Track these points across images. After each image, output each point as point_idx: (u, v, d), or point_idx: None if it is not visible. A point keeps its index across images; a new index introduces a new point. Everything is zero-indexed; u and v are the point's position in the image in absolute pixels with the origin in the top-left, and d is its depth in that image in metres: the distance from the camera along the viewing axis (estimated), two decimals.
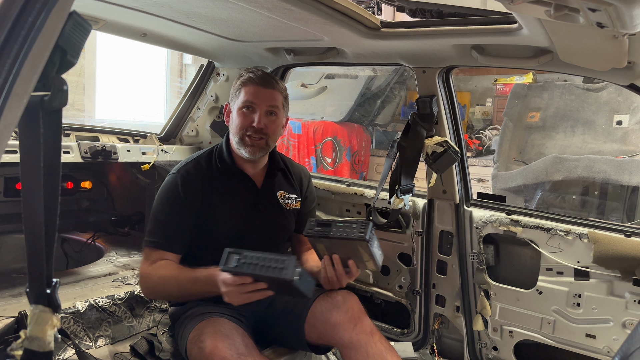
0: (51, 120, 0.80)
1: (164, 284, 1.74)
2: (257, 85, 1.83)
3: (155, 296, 1.85)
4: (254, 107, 1.83)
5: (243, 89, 1.84)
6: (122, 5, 1.75)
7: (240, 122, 1.83)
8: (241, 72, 1.91)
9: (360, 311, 1.75)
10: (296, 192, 2.04)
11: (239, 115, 1.84)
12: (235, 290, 1.51)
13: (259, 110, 1.82)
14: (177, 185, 1.84)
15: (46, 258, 0.85)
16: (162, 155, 2.62)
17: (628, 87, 1.72)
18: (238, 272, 1.50)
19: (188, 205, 1.82)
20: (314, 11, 1.59)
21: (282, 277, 1.44)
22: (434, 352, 2.36)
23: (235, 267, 1.50)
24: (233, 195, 1.90)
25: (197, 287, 1.67)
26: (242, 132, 1.83)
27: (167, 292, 1.78)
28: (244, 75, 1.87)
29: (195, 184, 1.84)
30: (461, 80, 6.45)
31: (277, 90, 1.86)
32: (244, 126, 1.82)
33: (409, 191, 2.13)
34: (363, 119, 6.28)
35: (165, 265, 1.77)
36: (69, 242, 2.87)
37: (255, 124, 1.81)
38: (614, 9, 0.94)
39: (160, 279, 1.74)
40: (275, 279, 1.46)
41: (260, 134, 1.83)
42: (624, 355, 0.90)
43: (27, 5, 0.69)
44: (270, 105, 1.84)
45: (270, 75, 1.90)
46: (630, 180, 4.05)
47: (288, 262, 1.46)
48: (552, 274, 2.03)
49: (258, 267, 1.49)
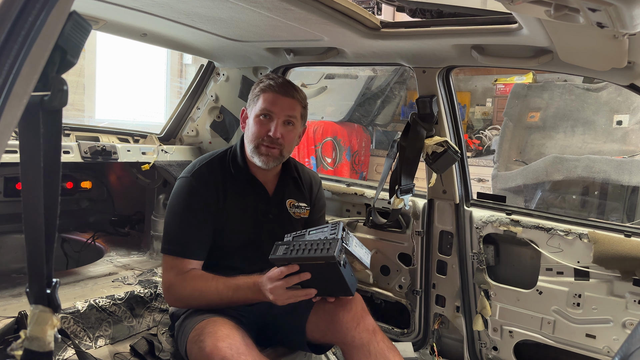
0: (51, 120, 0.80)
1: (200, 295, 1.70)
2: (276, 93, 1.79)
3: (184, 305, 1.79)
4: (271, 115, 1.79)
5: (262, 96, 1.80)
6: (122, 5, 1.75)
7: (257, 130, 1.80)
8: (261, 77, 1.88)
9: (363, 310, 1.75)
10: (305, 201, 2.02)
11: (256, 123, 1.80)
12: (280, 286, 1.54)
13: (276, 119, 1.79)
14: (192, 187, 1.80)
15: (46, 258, 0.85)
16: (162, 155, 2.62)
17: (628, 87, 1.72)
18: (285, 259, 1.55)
19: (205, 208, 1.79)
20: (314, 11, 1.59)
21: (327, 255, 1.48)
22: (434, 352, 2.36)
23: (284, 254, 1.56)
24: (245, 202, 1.87)
25: (239, 295, 1.67)
26: (257, 140, 1.80)
27: (204, 302, 1.73)
28: (263, 82, 1.83)
29: (210, 187, 1.81)
30: (461, 80, 6.45)
31: (296, 100, 1.83)
32: (260, 135, 1.79)
33: (409, 191, 2.13)
34: (363, 119, 6.28)
35: (199, 277, 1.74)
36: (69, 242, 2.87)
37: (271, 134, 1.78)
38: (614, 9, 0.94)
39: (195, 291, 1.71)
40: (320, 259, 1.50)
41: (275, 144, 1.80)
42: (624, 355, 0.90)
43: (27, 5, 0.69)
44: (288, 115, 1.81)
45: (290, 84, 1.87)
46: (630, 180, 4.05)
47: (333, 244, 1.52)
48: (552, 274, 2.03)
49: (305, 251, 1.55)
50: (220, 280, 1.71)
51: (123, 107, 6.67)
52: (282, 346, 1.91)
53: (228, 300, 1.70)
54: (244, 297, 1.67)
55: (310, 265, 1.54)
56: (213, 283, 1.71)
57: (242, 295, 1.67)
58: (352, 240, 1.67)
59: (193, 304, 1.76)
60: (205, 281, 1.72)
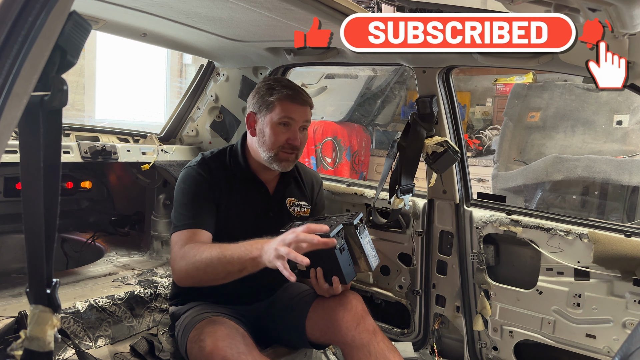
0: (51, 120, 0.79)
1: (209, 261, 1.58)
2: (294, 102, 1.81)
3: (191, 279, 1.65)
4: (290, 123, 1.81)
5: (279, 105, 1.80)
6: (122, 5, 1.75)
7: (277, 138, 1.80)
8: (269, 82, 1.86)
9: (363, 310, 1.74)
10: (306, 200, 2.02)
11: (275, 132, 1.80)
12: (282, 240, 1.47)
13: (294, 126, 1.81)
14: (199, 175, 1.81)
15: (46, 258, 0.84)
16: (162, 155, 2.62)
17: (628, 87, 1.72)
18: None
19: (211, 193, 1.79)
20: (314, 11, 1.59)
21: (323, 234, 1.49)
22: (434, 352, 2.36)
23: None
24: (246, 200, 1.88)
25: (236, 250, 1.56)
26: (277, 148, 1.80)
27: (203, 265, 1.59)
28: (277, 89, 1.81)
29: (214, 178, 1.82)
30: (461, 80, 6.45)
31: (309, 106, 1.87)
32: (280, 142, 1.80)
33: (409, 191, 2.13)
34: (363, 119, 6.28)
35: (204, 244, 1.66)
36: (69, 242, 2.86)
37: (292, 142, 1.80)
38: (614, 9, 0.94)
39: (200, 254, 1.60)
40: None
41: (295, 150, 1.83)
42: (624, 355, 0.90)
43: (27, 5, 0.69)
44: (305, 121, 1.84)
45: (303, 91, 1.89)
46: (630, 180, 4.05)
47: (334, 226, 1.53)
48: (552, 274, 2.03)
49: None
50: (224, 245, 1.62)
51: (123, 107, 6.68)
52: (282, 345, 1.91)
53: (224, 257, 1.57)
54: (239, 253, 1.56)
55: None
56: (217, 247, 1.62)
57: (239, 251, 1.56)
58: (365, 236, 1.66)
59: (195, 273, 1.63)
60: (211, 247, 1.64)
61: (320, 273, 1.65)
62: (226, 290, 1.87)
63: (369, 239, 1.69)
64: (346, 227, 1.63)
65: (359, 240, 1.63)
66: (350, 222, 1.63)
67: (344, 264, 1.58)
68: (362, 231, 1.65)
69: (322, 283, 1.67)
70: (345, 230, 1.63)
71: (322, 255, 1.55)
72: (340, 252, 1.55)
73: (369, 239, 1.69)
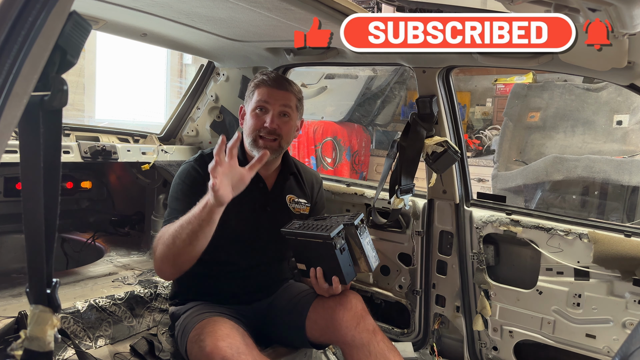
0: (51, 120, 0.80)
1: (173, 232, 1.60)
2: (270, 87, 1.83)
3: (167, 261, 1.64)
4: (266, 107, 1.82)
5: (256, 91, 1.84)
6: (122, 5, 1.75)
7: (253, 123, 1.82)
8: (256, 74, 1.91)
9: (363, 310, 1.74)
10: (306, 198, 2.02)
11: (252, 117, 1.83)
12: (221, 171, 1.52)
13: (271, 111, 1.82)
14: (195, 169, 1.83)
15: (46, 258, 0.84)
16: (162, 155, 2.62)
17: (628, 87, 1.72)
18: (292, 233, 1.62)
19: (206, 186, 1.74)
20: (314, 11, 1.59)
21: (325, 234, 1.52)
22: (434, 352, 2.36)
23: (295, 229, 1.64)
24: (243, 194, 1.87)
25: (195, 213, 1.58)
26: (255, 133, 1.82)
27: (177, 240, 1.60)
28: (257, 78, 1.87)
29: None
30: (461, 80, 6.45)
31: (290, 92, 1.86)
32: (257, 127, 1.81)
33: (409, 191, 2.13)
34: (363, 119, 6.28)
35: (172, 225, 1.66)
36: (69, 242, 2.87)
37: (267, 124, 1.80)
38: (614, 9, 0.94)
39: (167, 232, 1.63)
40: (319, 237, 1.54)
41: (273, 135, 1.81)
42: (624, 355, 0.90)
43: (27, 5, 0.69)
44: (283, 105, 1.83)
45: (283, 77, 1.90)
46: (630, 180, 4.05)
47: (335, 226, 1.56)
48: (552, 274, 2.03)
49: (312, 228, 1.60)
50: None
51: (123, 107, 6.67)
52: (282, 345, 1.91)
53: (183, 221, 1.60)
54: (193, 211, 1.58)
55: (310, 242, 1.59)
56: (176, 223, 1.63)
57: (193, 210, 1.58)
58: (366, 236, 1.67)
59: (167, 252, 1.63)
60: (171, 224, 1.65)
61: (320, 273, 1.67)
62: (226, 290, 1.87)
63: (369, 240, 1.69)
64: (347, 228, 1.63)
65: (359, 241, 1.64)
66: (351, 223, 1.63)
67: (344, 264, 1.59)
68: (363, 231, 1.65)
69: (322, 283, 1.68)
70: (346, 231, 1.63)
71: (322, 255, 1.55)
72: (341, 252, 1.56)
73: (370, 240, 1.69)
